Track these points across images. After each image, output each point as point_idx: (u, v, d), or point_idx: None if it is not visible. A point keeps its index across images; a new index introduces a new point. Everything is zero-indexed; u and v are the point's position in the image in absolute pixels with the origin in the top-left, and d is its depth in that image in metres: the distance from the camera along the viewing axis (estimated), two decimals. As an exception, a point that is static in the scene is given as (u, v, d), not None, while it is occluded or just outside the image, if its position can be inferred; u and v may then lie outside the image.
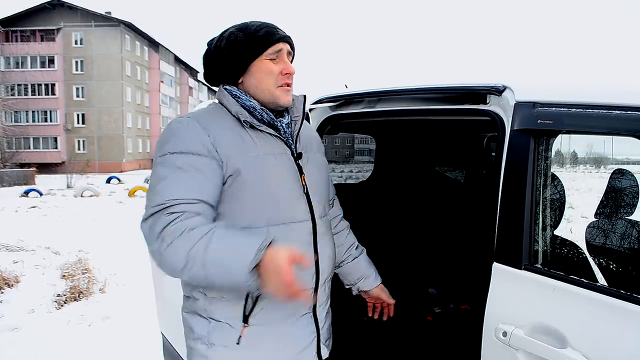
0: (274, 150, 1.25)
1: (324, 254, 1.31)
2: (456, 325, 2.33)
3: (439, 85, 1.54)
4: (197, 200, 1.11)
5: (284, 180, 1.25)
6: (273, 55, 1.25)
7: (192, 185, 1.12)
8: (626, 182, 1.70)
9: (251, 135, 1.23)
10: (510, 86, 1.34)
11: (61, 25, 38.34)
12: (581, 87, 1.27)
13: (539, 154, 1.26)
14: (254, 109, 1.25)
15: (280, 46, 1.25)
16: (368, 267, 1.58)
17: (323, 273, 1.31)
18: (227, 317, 1.21)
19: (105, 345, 3.45)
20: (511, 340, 1.18)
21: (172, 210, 1.08)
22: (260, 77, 1.25)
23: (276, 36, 1.25)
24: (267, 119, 1.26)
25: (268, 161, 1.23)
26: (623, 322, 1.03)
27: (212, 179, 1.15)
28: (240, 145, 1.20)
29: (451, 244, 2.60)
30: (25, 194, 17.00)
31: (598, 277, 1.53)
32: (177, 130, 1.19)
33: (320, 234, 1.30)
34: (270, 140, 1.26)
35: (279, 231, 1.20)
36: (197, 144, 1.16)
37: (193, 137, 1.17)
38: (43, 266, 5.62)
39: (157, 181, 1.13)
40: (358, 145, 13.79)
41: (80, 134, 39.37)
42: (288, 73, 1.26)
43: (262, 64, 1.25)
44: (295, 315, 1.26)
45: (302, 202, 1.27)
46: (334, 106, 1.84)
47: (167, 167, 1.14)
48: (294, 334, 1.27)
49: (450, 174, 3.26)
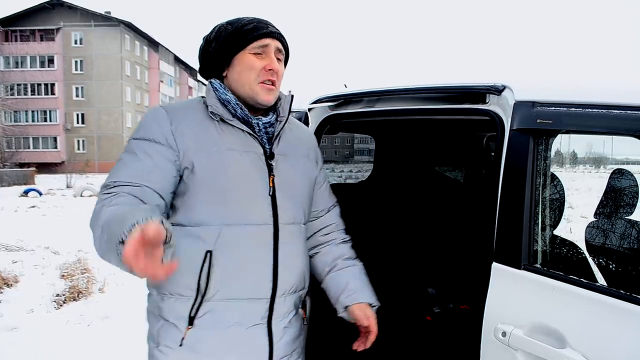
0: (240, 147, 1.20)
1: (285, 263, 1.22)
2: (455, 325, 2.33)
3: (438, 85, 1.54)
4: (139, 184, 1.09)
5: (244, 178, 1.19)
6: (258, 49, 1.21)
7: (138, 170, 1.11)
8: (626, 182, 1.70)
9: (218, 129, 1.20)
10: (509, 86, 1.33)
11: (61, 25, 38.35)
12: (581, 87, 1.27)
13: (539, 153, 1.26)
14: (228, 102, 1.21)
15: (267, 41, 1.21)
16: (354, 280, 1.39)
17: (283, 283, 1.22)
18: (174, 316, 1.18)
19: (105, 345, 3.45)
20: (510, 340, 1.17)
21: (109, 190, 1.08)
22: (242, 71, 1.22)
23: (263, 31, 1.21)
24: (240, 115, 1.22)
25: (230, 157, 1.18)
26: (622, 322, 1.03)
27: (162, 167, 1.13)
28: (202, 137, 1.18)
29: (450, 243, 2.60)
30: (24, 194, 16.99)
31: (597, 277, 1.53)
32: (145, 118, 1.21)
33: (283, 242, 1.22)
34: (240, 136, 1.21)
35: (233, 232, 1.16)
36: (156, 132, 1.16)
37: (154, 125, 1.17)
38: (42, 266, 5.61)
39: (117, 163, 1.16)
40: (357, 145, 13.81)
41: (80, 134, 39.39)
42: (271, 69, 1.21)
43: (244, 57, 1.21)
44: (244, 324, 1.19)
45: (265, 204, 1.21)
46: (333, 106, 1.84)
47: (126, 151, 1.17)
48: (241, 344, 1.19)
49: (450, 174, 3.25)
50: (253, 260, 1.19)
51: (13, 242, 6.69)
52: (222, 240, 1.16)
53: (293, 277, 1.26)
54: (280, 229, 1.22)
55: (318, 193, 1.42)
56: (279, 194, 1.23)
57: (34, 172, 26.25)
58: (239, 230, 1.17)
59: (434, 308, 2.48)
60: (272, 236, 1.21)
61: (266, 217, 1.20)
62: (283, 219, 1.23)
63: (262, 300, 1.20)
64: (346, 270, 1.40)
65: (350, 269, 1.41)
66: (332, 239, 1.45)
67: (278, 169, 1.25)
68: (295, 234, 1.28)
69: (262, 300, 1.21)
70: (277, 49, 1.24)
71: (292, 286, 1.26)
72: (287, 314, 1.27)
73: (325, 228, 1.45)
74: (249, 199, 1.19)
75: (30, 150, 37.41)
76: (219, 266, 1.16)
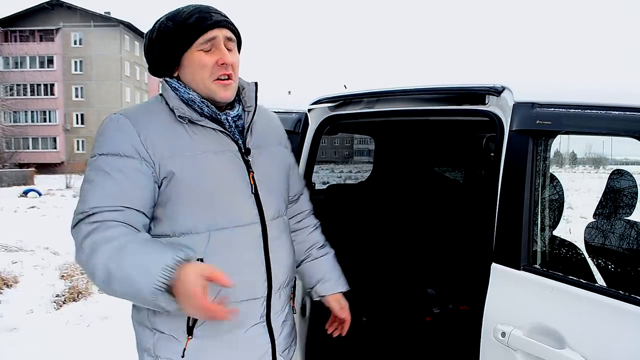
0: (215, 147, 1.14)
1: (277, 258, 1.21)
2: (455, 325, 2.33)
3: (438, 86, 1.54)
4: (122, 208, 1.04)
5: (226, 179, 1.14)
6: (205, 45, 1.13)
7: (116, 191, 1.05)
8: (625, 182, 1.71)
9: (189, 132, 1.13)
10: (509, 87, 1.34)
11: (60, 26, 38.33)
12: (580, 88, 1.27)
13: (538, 154, 1.26)
14: (192, 102, 1.14)
15: (214, 33, 1.12)
16: (330, 270, 1.42)
17: (277, 279, 1.21)
18: (170, 328, 1.14)
19: (104, 346, 3.44)
20: (510, 341, 1.18)
21: (93, 219, 1.02)
22: (193, 71, 1.14)
23: (207, 23, 1.12)
24: (208, 112, 1.15)
25: (207, 159, 1.12)
26: (621, 323, 1.03)
27: (140, 183, 1.07)
28: (175, 143, 1.11)
29: (450, 244, 2.60)
30: (24, 194, 16.98)
31: (597, 278, 1.53)
32: (107, 129, 1.11)
33: (272, 237, 1.20)
34: (212, 135, 1.15)
35: (222, 236, 1.12)
36: (125, 145, 1.07)
37: (121, 137, 1.08)
38: (42, 266, 5.61)
39: (85, 185, 1.08)
40: (357, 146, 13.82)
41: (80, 134, 39.35)
42: (224, 63, 1.13)
43: (193, 56, 1.13)
44: (244, 325, 1.17)
45: (249, 203, 1.17)
46: (333, 107, 1.84)
47: (94, 170, 1.08)
48: (243, 346, 1.17)
49: (449, 175, 3.26)
50: (245, 261, 1.16)
51: (13, 243, 6.70)
52: (212, 246, 1.11)
53: (285, 270, 1.25)
54: (267, 225, 1.19)
55: (292, 176, 1.39)
56: (260, 190, 1.19)
57: (33, 172, 26.25)
58: (228, 233, 1.13)
59: (433, 309, 2.49)
60: (261, 234, 1.18)
61: (252, 216, 1.17)
62: (268, 215, 1.20)
63: (259, 299, 1.19)
64: (320, 260, 1.43)
65: (324, 259, 1.43)
66: (304, 226, 1.45)
67: (255, 164, 1.20)
68: (281, 227, 1.26)
69: (259, 299, 1.19)
70: (226, 39, 1.15)
71: (285, 280, 1.26)
72: (283, 308, 1.27)
73: (298, 215, 1.45)
74: (233, 200, 1.15)
75: (30, 151, 37.39)
76: None
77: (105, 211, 1.03)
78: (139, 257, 0.96)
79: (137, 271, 0.94)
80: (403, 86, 1.63)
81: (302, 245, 1.43)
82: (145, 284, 0.93)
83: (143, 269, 0.94)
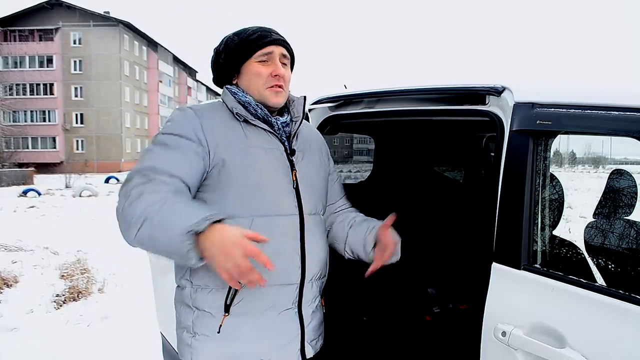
0: (265, 145, 1.28)
1: (311, 250, 1.31)
2: (455, 325, 2.34)
3: (438, 86, 1.55)
4: (171, 175, 1.14)
5: (271, 173, 1.27)
6: (263, 57, 1.30)
7: (171, 161, 1.17)
8: (624, 182, 1.71)
9: (244, 129, 1.28)
10: (509, 87, 1.34)
11: (59, 25, 38.30)
12: (580, 88, 1.28)
13: (538, 154, 1.26)
14: (248, 104, 1.30)
15: (271, 49, 1.30)
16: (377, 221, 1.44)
17: (310, 269, 1.31)
18: (210, 306, 1.25)
19: (104, 346, 3.45)
20: (510, 340, 1.18)
21: (146, 173, 1.13)
22: (250, 79, 1.31)
23: (267, 39, 1.30)
24: (261, 114, 1.30)
25: (257, 154, 1.26)
26: (621, 322, 1.03)
27: (193, 162, 1.19)
28: (230, 136, 1.25)
29: (450, 244, 2.61)
30: (23, 194, 16.97)
31: (596, 277, 1.53)
32: (174, 116, 1.27)
33: (308, 230, 1.30)
34: (263, 134, 1.29)
35: (263, 223, 1.22)
36: (188, 129, 1.22)
37: (185, 122, 1.23)
38: (42, 266, 5.61)
39: (145, 153, 1.21)
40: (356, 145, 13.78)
41: (79, 134, 39.34)
42: (277, 75, 1.29)
43: (251, 66, 1.31)
44: (277, 308, 1.27)
45: (291, 196, 1.29)
46: (334, 106, 1.85)
47: (156, 144, 1.22)
48: (275, 328, 1.27)
49: (449, 174, 3.26)
50: (283, 248, 1.25)
51: (12, 242, 6.69)
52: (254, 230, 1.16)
53: (318, 263, 1.34)
54: (305, 218, 1.30)
55: (333, 187, 1.52)
56: (301, 187, 1.31)
57: (32, 172, 26.21)
58: (269, 220, 1.24)
59: (433, 308, 2.49)
60: (299, 225, 1.29)
61: (292, 208, 1.28)
62: (307, 210, 1.31)
63: (292, 285, 1.28)
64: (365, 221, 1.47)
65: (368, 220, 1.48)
66: (346, 209, 1.55)
67: (298, 164, 1.33)
68: (317, 223, 1.36)
69: (293, 285, 1.28)
70: (281, 55, 1.32)
71: (317, 272, 1.34)
72: (314, 299, 1.36)
73: (338, 209, 1.55)
74: (276, 192, 1.27)
75: (29, 150, 37.34)
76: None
77: (158, 172, 1.14)
78: (182, 206, 1.05)
79: (176, 216, 1.02)
80: (403, 86, 1.63)
81: (345, 221, 1.50)
82: (180, 226, 0.99)
83: (184, 213, 1.02)
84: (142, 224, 1.05)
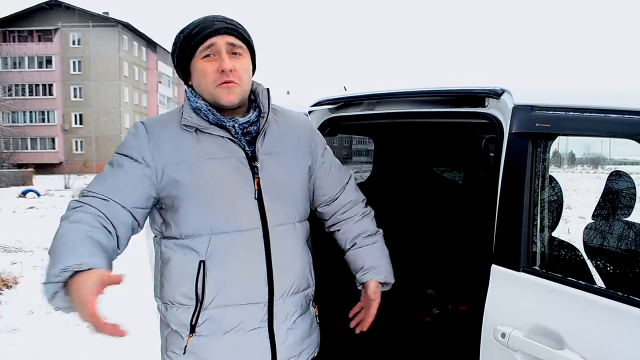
0: (220, 154, 1.18)
1: (280, 265, 1.21)
2: (455, 326, 2.34)
3: (438, 89, 1.55)
4: (108, 199, 1.12)
5: (227, 185, 1.17)
6: (206, 52, 1.17)
7: (111, 184, 1.15)
8: (623, 183, 1.72)
9: (197, 139, 1.19)
10: (508, 89, 1.35)
11: (59, 26, 38.29)
12: (579, 91, 1.28)
13: (537, 156, 1.27)
14: (199, 110, 1.19)
15: (213, 40, 1.16)
16: (373, 259, 1.39)
17: (279, 286, 1.21)
18: (178, 324, 1.21)
19: (105, 346, 3.45)
20: (510, 342, 1.19)
21: (81, 199, 1.13)
22: (198, 78, 1.19)
23: (207, 31, 1.16)
24: (214, 120, 1.19)
25: (210, 166, 1.17)
26: (620, 324, 1.04)
27: (136, 184, 1.15)
28: (180, 151, 1.17)
29: (449, 245, 2.61)
30: (22, 195, 16.95)
31: (595, 279, 1.54)
32: (128, 134, 1.23)
33: (276, 244, 1.20)
34: (218, 142, 1.19)
35: (221, 240, 1.16)
36: (134, 150, 1.18)
37: (133, 143, 1.19)
38: (41, 267, 5.60)
39: (98, 174, 1.21)
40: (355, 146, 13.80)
41: (78, 135, 39.32)
42: (223, 70, 1.15)
43: (197, 64, 1.19)
44: (244, 328, 1.19)
45: (251, 208, 1.19)
46: (334, 108, 1.85)
47: (109, 163, 1.21)
48: (242, 348, 1.20)
49: (448, 174, 3.27)
50: (245, 266, 1.18)
51: (12, 244, 6.69)
52: (213, 249, 1.17)
53: (291, 278, 1.25)
54: (270, 231, 1.20)
55: (326, 180, 1.40)
56: (266, 196, 1.20)
57: (31, 172, 26.18)
58: (228, 237, 1.17)
59: (433, 309, 2.50)
60: (263, 240, 1.19)
61: (254, 222, 1.19)
62: (272, 222, 1.21)
63: (259, 304, 1.20)
64: (365, 248, 1.40)
65: (369, 247, 1.41)
66: (352, 216, 1.44)
67: (264, 170, 1.22)
68: (288, 235, 1.25)
69: (260, 304, 1.20)
70: (228, 45, 1.17)
71: (290, 287, 1.25)
72: (289, 315, 1.25)
73: (343, 207, 1.43)
74: (233, 205, 1.17)
75: (28, 151, 37.30)
76: (212, 275, 1.17)
77: (93, 196, 1.13)
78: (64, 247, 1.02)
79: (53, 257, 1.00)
80: (404, 88, 1.64)
81: (349, 234, 1.42)
82: (47, 272, 0.98)
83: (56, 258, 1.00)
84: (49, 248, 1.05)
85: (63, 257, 0.98)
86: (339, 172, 1.44)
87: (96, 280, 0.94)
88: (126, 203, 1.14)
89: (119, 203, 1.13)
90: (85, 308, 0.91)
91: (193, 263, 1.17)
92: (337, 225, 1.44)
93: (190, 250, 1.17)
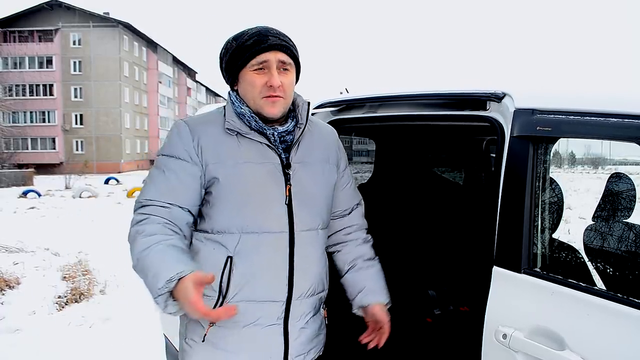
0: (257, 159, 1.25)
1: (302, 267, 1.28)
2: (456, 327, 2.35)
3: (440, 92, 1.57)
4: (169, 205, 1.20)
5: (261, 188, 1.24)
6: (258, 65, 1.23)
7: (165, 187, 1.22)
8: (623, 185, 1.73)
9: (237, 142, 1.26)
10: (509, 93, 1.36)
11: (59, 26, 38.27)
12: (580, 95, 1.30)
13: (538, 159, 1.28)
14: (243, 116, 1.26)
15: (267, 57, 1.22)
16: (373, 281, 1.45)
17: (299, 287, 1.28)
18: None
19: (107, 347, 3.46)
20: (511, 343, 1.20)
21: (144, 211, 1.19)
22: (245, 87, 1.26)
23: (262, 46, 1.22)
24: (255, 127, 1.26)
25: (248, 169, 1.24)
26: (620, 325, 1.05)
27: (188, 183, 1.23)
28: (221, 152, 1.24)
29: (451, 246, 2.62)
30: (23, 195, 16.98)
31: (596, 281, 1.55)
32: (171, 133, 1.29)
33: (299, 248, 1.27)
34: (257, 147, 1.26)
35: (250, 239, 1.23)
36: (180, 149, 1.24)
37: (179, 142, 1.25)
38: (43, 267, 5.62)
39: (147, 179, 1.27)
40: (356, 146, 13.80)
41: (78, 135, 39.30)
42: (271, 85, 1.22)
43: (246, 75, 1.25)
44: (261, 324, 1.26)
45: (281, 212, 1.25)
46: (336, 110, 1.86)
47: (156, 167, 1.26)
48: (258, 341, 1.27)
49: (448, 175, 3.28)
50: (269, 265, 1.25)
51: (13, 244, 6.69)
52: (241, 247, 1.24)
53: (309, 281, 1.32)
54: (296, 236, 1.27)
55: (342, 194, 1.46)
56: (295, 202, 1.27)
57: (32, 173, 26.19)
58: (257, 238, 1.24)
59: (434, 310, 2.50)
60: (288, 243, 1.26)
61: (282, 225, 1.26)
62: (299, 227, 1.28)
63: (278, 302, 1.27)
64: (364, 270, 1.45)
65: (368, 270, 1.46)
66: (353, 239, 1.49)
67: (295, 178, 1.28)
68: (311, 240, 1.32)
69: (278, 302, 1.27)
70: (279, 62, 1.24)
71: (308, 289, 1.32)
72: (303, 315, 1.32)
73: (348, 228, 1.49)
74: (265, 208, 1.25)
75: (29, 151, 37.28)
76: (238, 271, 1.24)
77: (155, 205, 1.20)
78: (157, 261, 1.09)
79: (151, 273, 1.07)
80: (405, 91, 1.65)
81: (348, 256, 1.48)
82: (152, 287, 1.06)
83: (154, 272, 1.07)
84: (136, 269, 1.12)
85: (160, 271, 1.06)
86: (353, 191, 1.51)
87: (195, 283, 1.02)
88: (184, 203, 1.22)
89: (178, 206, 1.21)
90: (196, 309, 1.00)
91: (221, 257, 1.24)
92: (338, 246, 1.50)
93: (219, 245, 1.25)
